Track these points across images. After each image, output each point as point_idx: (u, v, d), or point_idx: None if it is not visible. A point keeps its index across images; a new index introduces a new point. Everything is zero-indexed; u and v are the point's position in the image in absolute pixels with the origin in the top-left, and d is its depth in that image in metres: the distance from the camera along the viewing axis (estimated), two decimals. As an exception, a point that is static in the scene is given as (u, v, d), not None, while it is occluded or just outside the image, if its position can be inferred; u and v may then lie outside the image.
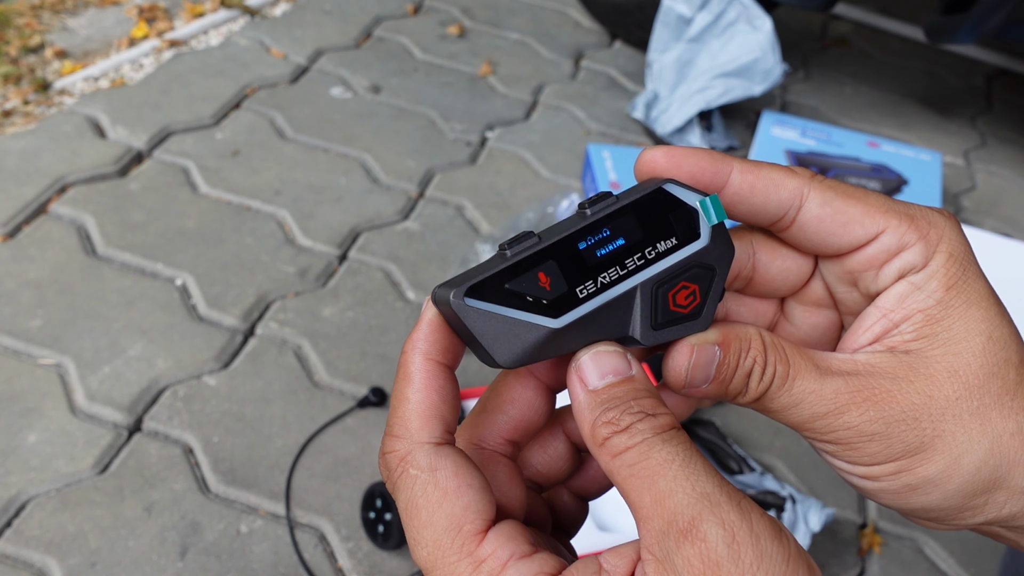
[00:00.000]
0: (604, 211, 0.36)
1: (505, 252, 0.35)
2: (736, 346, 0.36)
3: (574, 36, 2.56)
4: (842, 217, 0.36)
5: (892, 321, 0.36)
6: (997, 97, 2.73)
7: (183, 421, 1.30)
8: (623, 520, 1.19)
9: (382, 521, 1.16)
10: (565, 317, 0.35)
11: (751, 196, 0.37)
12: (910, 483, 0.36)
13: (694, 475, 0.30)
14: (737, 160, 0.37)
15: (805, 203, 0.36)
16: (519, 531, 0.33)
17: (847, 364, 0.36)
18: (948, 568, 1.32)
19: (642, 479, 0.31)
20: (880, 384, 0.35)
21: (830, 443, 0.36)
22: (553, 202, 1.71)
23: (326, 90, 2.10)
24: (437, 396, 0.34)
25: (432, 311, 0.35)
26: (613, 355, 0.35)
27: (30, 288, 1.46)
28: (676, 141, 2.09)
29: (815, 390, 0.35)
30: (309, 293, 1.54)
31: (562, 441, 0.41)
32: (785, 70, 2.07)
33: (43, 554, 1.12)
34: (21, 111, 1.86)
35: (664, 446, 0.31)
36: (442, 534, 0.32)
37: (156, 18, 2.27)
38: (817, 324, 0.41)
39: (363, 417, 1.35)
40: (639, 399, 0.33)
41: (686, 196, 0.37)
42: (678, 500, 0.30)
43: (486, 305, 0.34)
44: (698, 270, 0.36)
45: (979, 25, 1.87)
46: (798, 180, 0.37)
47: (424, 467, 0.33)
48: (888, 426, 0.35)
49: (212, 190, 1.73)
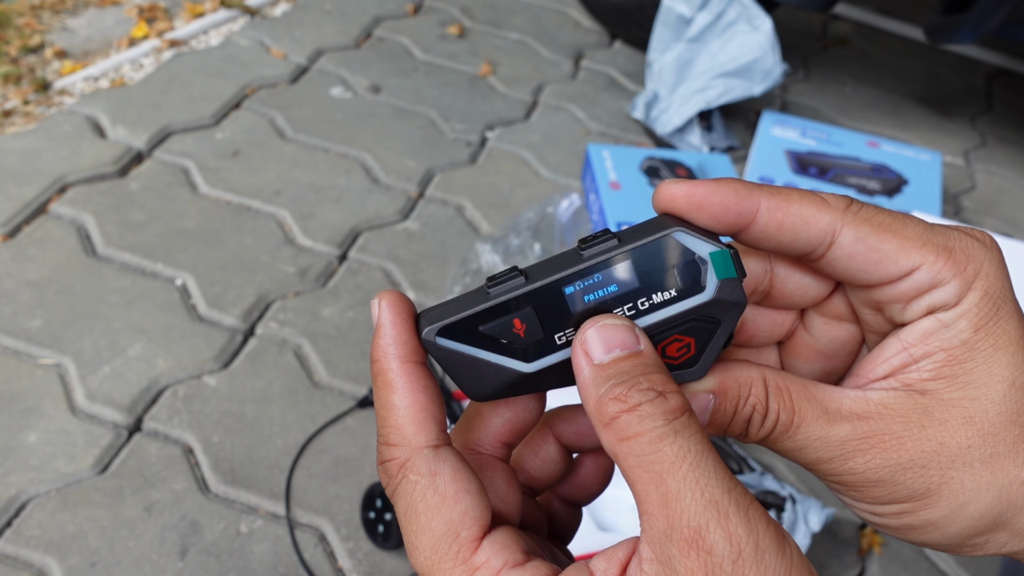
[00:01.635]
0: (600, 255, 0.34)
1: (487, 291, 0.34)
2: (734, 393, 0.35)
3: (574, 36, 2.56)
4: (875, 255, 0.34)
5: (912, 356, 0.35)
6: (997, 97, 2.73)
7: (183, 421, 1.30)
8: (623, 520, 1.19)
9: (382, 521, 1.16)
10: (539, 362, 0.34)
11: (778, 235, 0.35)
12: (912, 524, 0.35)
13: (704, 477, 0.29)
14: (765, 194, 0.35)
15: (837, 239, 0.34)
16: (513, 538, 0.33)
17: (858, 404, 0.35)
18: (948, 568, 1.32)
19: (650, 474, 0.30)
20: (890, 429, 0.34)
21: (835, 483, 0.36)
22: (553, 202, 1.71)
23: (326, 90, 2.10)
24: (424, 397, 0.34)
25: (387, 313, 0.34)
26: (620, 328, 0.33)
27: (30, 288, 1.46)
28: (676, 141, 2.09)
29: (821, 436, 0.35)
30: (309, 293, 1.54)
31: (552, 444, 0.40)
32: (785, 70, 2.07)
33: (43, 554, 1.12)
34: (21, 111, 1.86)
35: (676, 439, 0.30)
36: (440, 540, 0.32)
37: (156, 18, 2.27)
38: (837, 337, 0.39)
39: (363, 417, 1.35)
40: (648, 375, 0.32)
41: (696, 246, 0.34)
42: (686, 505, 0.29)
43: (457, 345, 0.34)
44: (695, 323, 0.35)
45: (979, 25, 1.87)
46: (830, 215, 0.34)
47: (424, 472, 0.33)
48: (894, 473, 0.34)
49: (212, 190, 1.73)
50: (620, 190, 1.78)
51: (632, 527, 1.17)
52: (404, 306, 0.35)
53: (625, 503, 1.20)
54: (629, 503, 1.20)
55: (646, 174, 1.85)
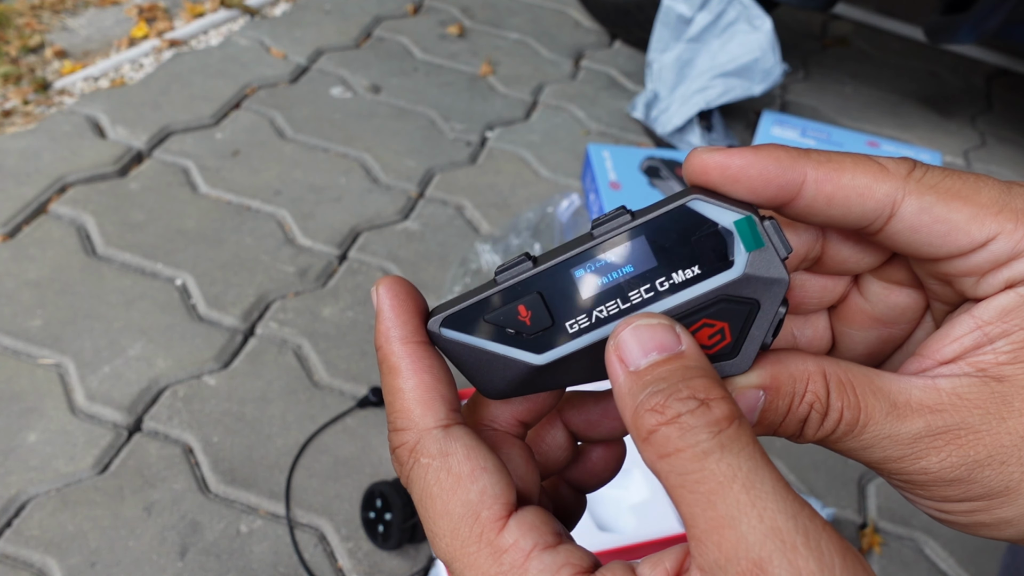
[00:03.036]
0: (612, 233, 0.31)
1: (495, 279, 0.32)
2: (788, 389, 0.31)
3: (574, 36, 2.56)
4: (942, 226, 0.30)
5: (987, 336, 0.31)
6: (997, 97, 2.73)
7: (183, 421, 1.30)
8: (623, 520, 1.19)
9: (382, 521, 1.16)
10: (550, 353, 0.32)
11: (828, 209, 0.31)
12: (984, 521, 0.32)
13: (761, 500, 0.25)
14: (812, 163, 0.31)
15: (898, 211, 0.30)
16: (542, 518, 0.30)
17: (928, 395, 0.31)
18: (948, 568, 1.31)
19: (696, 496, 0.26)
20: (966, 423, 0.30)
21: (902, 482, 0.33)
22: (553, 202, 1.71)
23: (326, 90, 2.10)
24: (429, 376, 0.32)
25: (384, 298, 0.32)
26: (658, 328, 0.29)
27: (30, 288, 1.46)
28: (676, 141, 2.09)
29: (890, 435, 0.31)
30: (309, 293, 1.54)
31: (560, 429, 0.38)
32: (785, 70, 2.07)
33: (43, 554, 1.12)
34: (21, 111, 1.86)
35: (723, 455, 0.26)
36: (459, 522, 0.30)
37: (156, 18, 2.27)
38: (897, 303, 0.35)
39: (363, 417, 1.35)
40: (689, 379, 0.28)
41: (717, 215, 0.30)
42: (742, 533, 0.25)
43: (463, 336, 0.32)
44: (727, 305, 0.31)
45: (979, 25, 1.87)
46: (890, 184, 0.30)
47: (435, 454, 0.31)
48: (971, 471, 0.31)
49: (212, 190, 1.73)
50: (620, 190, 1.78)
51: (632, 527, 1.17)
52: (402, 288, 0.33)
53: (625, 503, 1.20)
54: (629, 503, 1.20)
55: (646, 174, 1.85)
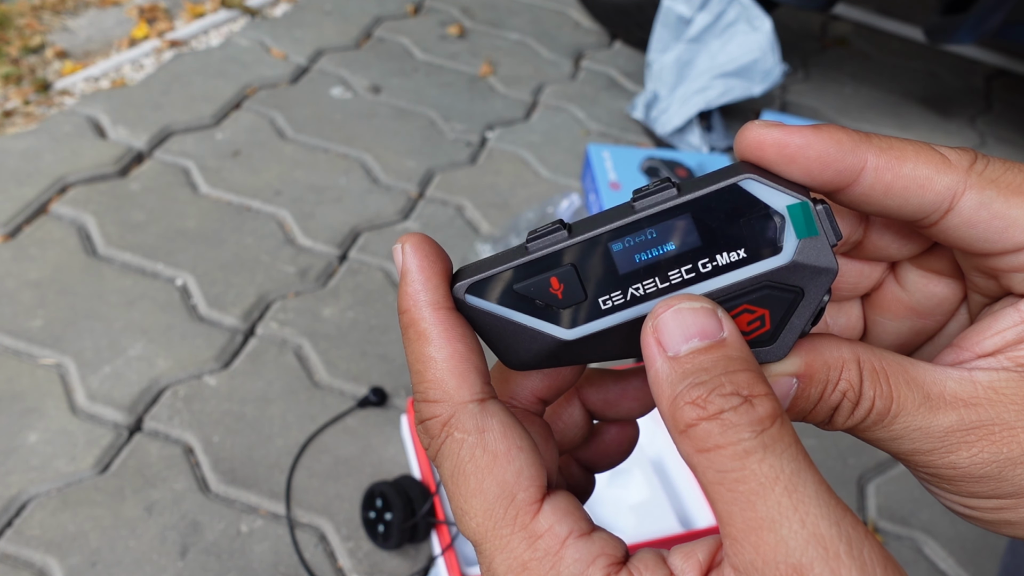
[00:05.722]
0: (655, 206, 0.29)
1: (526, 246, 0.30)
2: (822, 376, 0.30)
3: (574, 36, 2.56)
4: (1000, 222, 0.29)
5: None
6: (997, 97, 2.73)
7: (183, 421, 1.30)
8: (622, 520, 1.19)
9: (382, 521, 1.17)
10: (580, 329, 0.30)
11: (885, 199, 0.30)
12: (1010, 520, 0.31)
13: (804, 504, 0.25)
14: (874, 150, 0.29)
15: (956, 205, 0.29)
16: (575, 504, 0.29)
17: (964, 388, 0.30)
18: (948, 568, 1.32)
19: (735, 495, 0.25)
20: (1001, 418, 0.30)
21: (929, 476, 0.32)
22: (553, 202, 1.71)
23: (326, 90, 2.10)
24: (463, 345, 0.30)
25: (412, 258, 0.31)
26: (700, 312, 0.28)
27: (30, 288, 1.46)
28: (676, 141, 2.10)
29: (921, 427, 0.30)
30: (309, 293, 1.55)
31: (577, 407, 0.37)
32: (785, 70, 2.07)
33: (44, 554, 1.12)
34: (22, 111, 1.86)
35: (765, 455, 0.25)
36: (494, 503, 0.29)
37: (156, 18, 2.27)
38: (934, 293, 0.35)
39: (363, 417, 1.35)
40: (732, 373, 0.27)
41: (771, 197, 0.29)
42: (783, 537, 0.24)
43: (489, 305, 0.31)
44: (770, 292, 0.29)
45: (979, 25, 1.87)
46: (951, 177, 0.29)
47: (471, 429, 0.29)
48: (1002, 469, 0.30)
49: (212, 190, 1.73)
50: (620, 190, 1.78)
51: (632, 527, 1.17)
52: (431, 248, 0.31)
53: (625, 503, 1.20)
54: (629, 503, 1.20)
55: (646, 174, 1.85)
